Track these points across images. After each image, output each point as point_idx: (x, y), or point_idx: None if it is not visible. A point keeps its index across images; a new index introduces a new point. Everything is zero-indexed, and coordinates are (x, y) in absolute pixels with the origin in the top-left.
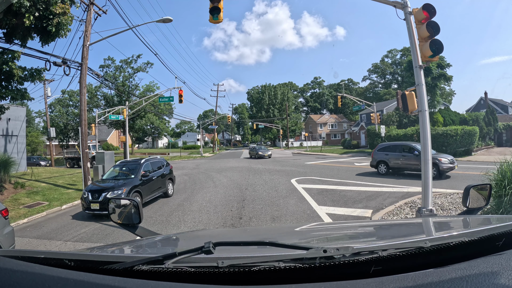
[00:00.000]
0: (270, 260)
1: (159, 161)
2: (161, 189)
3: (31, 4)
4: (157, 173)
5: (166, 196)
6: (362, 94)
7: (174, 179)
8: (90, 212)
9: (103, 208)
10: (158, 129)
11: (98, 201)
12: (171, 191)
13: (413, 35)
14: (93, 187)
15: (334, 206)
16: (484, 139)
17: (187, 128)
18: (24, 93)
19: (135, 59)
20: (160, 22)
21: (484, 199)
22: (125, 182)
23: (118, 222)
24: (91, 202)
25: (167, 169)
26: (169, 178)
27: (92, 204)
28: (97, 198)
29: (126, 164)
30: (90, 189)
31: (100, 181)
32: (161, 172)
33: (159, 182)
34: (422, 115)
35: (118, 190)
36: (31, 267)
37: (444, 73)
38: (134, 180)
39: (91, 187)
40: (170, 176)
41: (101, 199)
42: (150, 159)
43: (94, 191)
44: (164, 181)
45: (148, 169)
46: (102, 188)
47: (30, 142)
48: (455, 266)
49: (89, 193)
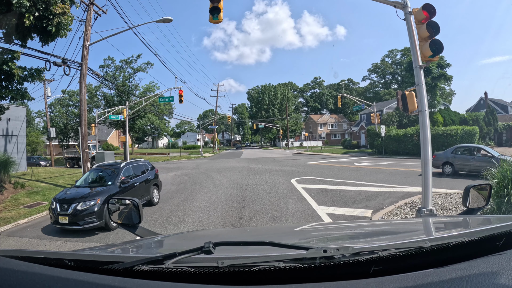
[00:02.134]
0: (270, 260)
1: (143, 165)
2: (145, 197)
3: (31, 4)
4: (140, 179)
5: (150, 204)
6: (362, 94)
7: (160, 185)
8: (59, 227)
9: (73, 222)
10: (158, 129)
11: (67, 213)
12: (157, 198)
13: (413, 35)
14: (64, 196)
15: (334, 206)
16: (484, 139)
17: (187, 128)
18: (24, 93)
19: (135, 59)
20: (160, 22)
21: (484, 199)
22: (100, 190)
23: (118, 222)
24: (59, 215)
25: (152, 174)
26: (154, 184)
27: (61, 217)
28: (66, 210)
29: (103, 168)
30: (60, 198)
31: (73, 187)
32: (144, 177)
33: (142, 189)
34: (422, 115)
35: (90, 200)
36: (31, 267)
37: (444, 73)
38: (111, 188)
39: (61, 195)
40: (156, 181)
41: (70, 211)
42: (132, 163)
43: (63, 200)
44: (148, 187)
45: (129, 174)
46: (73, 197)
47: (30, 142)
48: (455, 266)
49: (57, 204)
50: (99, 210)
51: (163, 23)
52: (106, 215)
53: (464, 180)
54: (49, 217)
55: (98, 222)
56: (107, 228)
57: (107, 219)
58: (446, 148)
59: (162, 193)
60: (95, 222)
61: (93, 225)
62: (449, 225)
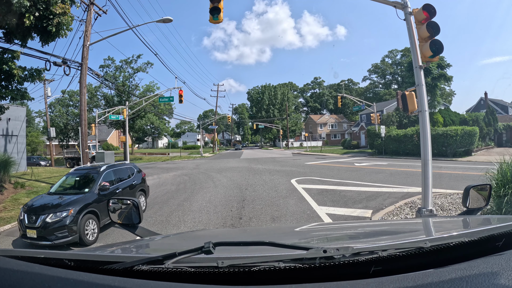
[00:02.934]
0: (270, 260)
1: (128, 168)
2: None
3: (31, 4)
4: (123, 184)
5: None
6: (362, 94)
7: (147, 191)
8: (27, 241)
9: (41, 237)
10: (158, 129)
11: (35, 226)
12: (143, 206)
13: (413, 35)
14: (33, 204)
15: (334, 206)
16: (484, 140)
17: (187, 128)
18: (24, 93)
19: (135, 59)
20: (160, 22)
21: (484, 199)
22: (74, 199)
23: (118, 222)
24: (27, 228)
25: (139, 178)
26: (140, 190)
27: (29, 231)
28: (34, 222)
29: (81, 172)
30: (29, 207)
31: (47, 194)
32: (129, 183)
33: (126, 196)
34: (422, 116)
35: (62, 211)
36: (31, 267)
37: (444, 73)
38: (88, 196)
39: (32, 204)
40: (142, 186)
41: (38, 223)
42: (115, 166)
43: (32, 210)
44: (133, 193)
45: (110, 179)
46: (42, 207)
47: (30, 142)
48: (455, 266)
49: (25, 214)
50: (71, 223)
51: (163, 23)
52: (81, 228)
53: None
54: (18, 229)
55: (70, 237)
56: (82, 243)
57: (81, 232)
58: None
59: (162, 193)
60: (67, 237)
61: (64, 241)
62: (449, 226)
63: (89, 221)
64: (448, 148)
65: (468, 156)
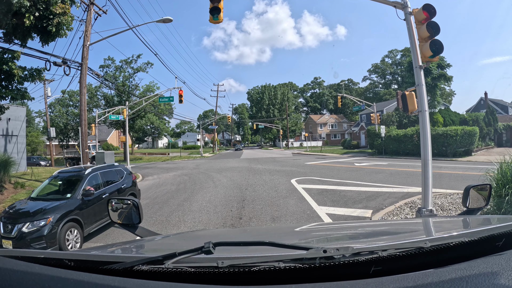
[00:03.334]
0: (270, 260)
1: (116, 171)
2: None
3: (31, 4)
4: (110, 188)
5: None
6: (362, 94)
7: (138, 195)
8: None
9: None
10: (158, 129)
11: (10, 236)
12: None
13: (413, 35)
14: (12, 211)
15: (334, 206)
16: (484, 140)
17: (187, 128)
18: (24, 93)
19: (135, 59)
20: (160, 22)
21: (484, 199)
22: (55, 206)
23: (118, 222)
24: (3, 238)
25: (128, 181)
26: (130, 193)
27: (4, 241)
28: (10, 231)
29: (64, 176)
30: (6, 214)
31: (28, 199)
32: (117, 186)
33: None
34: (422, 116)
35: (40, 220)
36: (31, 267)
37: (444, 73)
38: (70, 202)
39: (9, 210)
40: (132, 190)
41: (14, 233)
42: (102, 168)
43: (8, 218)
44: None
45: (96, 183)
46: (19, 214)
47: (30, 142)
48: (455, 266)
49: (1, 223)
50: (50, 233)
51: (163, 23)
52: (61, 238)
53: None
54: None
55: (49, 249)
56: None
57: (61, 243)
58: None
59: (162, 193)
60: (45, 249)
61: None
62: (449, 225)
63: (70, 230)
64: (448, 148)
65: (468, 156)
